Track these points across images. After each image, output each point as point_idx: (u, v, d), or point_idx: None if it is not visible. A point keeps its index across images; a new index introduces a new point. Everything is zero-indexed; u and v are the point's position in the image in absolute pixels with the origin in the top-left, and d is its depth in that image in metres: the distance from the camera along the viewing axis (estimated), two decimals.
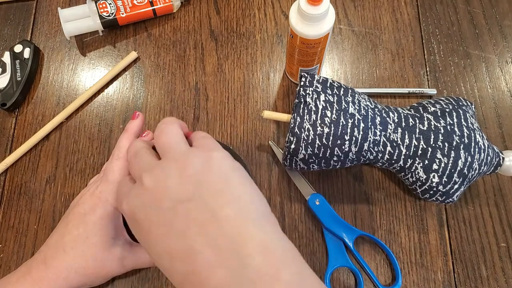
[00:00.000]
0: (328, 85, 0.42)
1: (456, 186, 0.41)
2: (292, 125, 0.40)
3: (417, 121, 0.42)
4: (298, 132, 0.40)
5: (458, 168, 0.40)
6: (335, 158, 0.41)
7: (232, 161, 0.30)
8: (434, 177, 0.41)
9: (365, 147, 0.40)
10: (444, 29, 0.55)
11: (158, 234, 0.28)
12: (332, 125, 0.39)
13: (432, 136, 0.41)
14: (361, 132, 0.40)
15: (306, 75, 0.42)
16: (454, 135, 0.40)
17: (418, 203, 0.47)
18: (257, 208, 0.28)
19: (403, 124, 0.42)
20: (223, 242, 0.26)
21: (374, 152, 0.41)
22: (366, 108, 0.41)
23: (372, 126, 0.40)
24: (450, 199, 0.42)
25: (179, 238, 0.27)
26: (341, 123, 0.39)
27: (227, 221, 0.26)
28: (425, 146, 0.41)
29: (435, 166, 0.40)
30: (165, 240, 0.27)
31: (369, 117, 0.41)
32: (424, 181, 0.41)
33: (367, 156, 0.41)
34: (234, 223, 0.26)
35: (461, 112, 0.42)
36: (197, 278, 0.26)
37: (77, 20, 0.54)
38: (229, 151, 0.37)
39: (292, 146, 0.40)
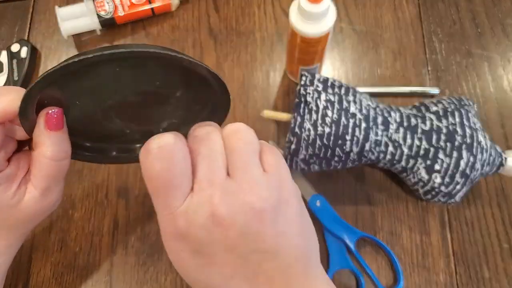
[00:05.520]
0: (329, 84, 0.41)
1: (458, 187, 0.40)
2: (292, 125, 0.39)
3: (419, 121, 0.41)
4: (299, 132, 0.39)
5: (461, 168, 0.39)
6: (336, 159, 0.40)
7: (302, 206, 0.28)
8: (436, 177, 0.40)
9: (367, 147, 0.40)
10: (446, 28, 0.54)
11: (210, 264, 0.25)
12: (333, 124, 0.39)
13: (434, 136, 0.40)
14: (362, 132, 0.39)
15: (307, 74, 0.42)
16: (456, 135, 0.40)
17: (420, 204, 0.46)
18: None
19: (405, 124, 0.41)
20: None
21: (376, 152, 0.41)
22: (368, 108, 0.40)
23: (374, 126, 0.40)
24: (453, 200, 0.42)
25: (233, 279, 0.25)
26: (342, 123, 0.39)
27: (297, 277, 0.26)
28: (427, 146, 0.40)
29: (437, 167, 0.40)
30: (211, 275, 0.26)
31: (371, 116, 0.40)
32: (426, 181, 0.41)
33: (368, 157, 0.41)
34: (301, 279, 0.26)
35: (463, 111, 0.41)
36: None
37: (74, 19, 0.54)
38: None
39: (293, 146, 0.40)
